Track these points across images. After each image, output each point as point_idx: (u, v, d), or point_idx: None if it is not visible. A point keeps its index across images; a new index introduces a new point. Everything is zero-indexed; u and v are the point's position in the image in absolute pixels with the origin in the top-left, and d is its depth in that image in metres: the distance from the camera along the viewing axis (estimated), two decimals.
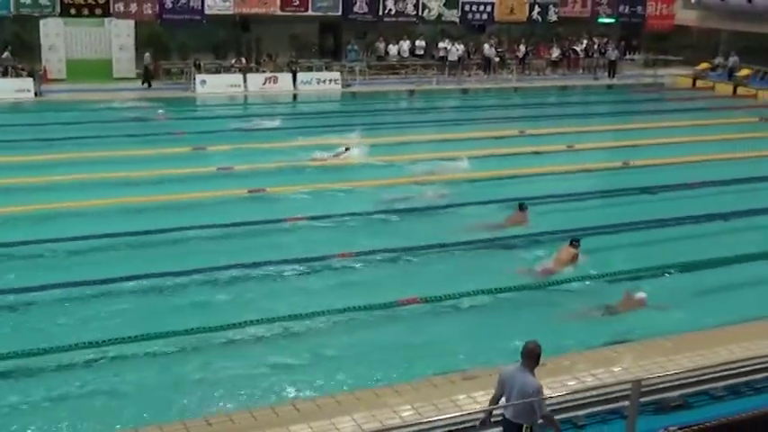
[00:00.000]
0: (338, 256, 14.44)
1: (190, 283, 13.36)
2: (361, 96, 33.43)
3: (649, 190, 19.73)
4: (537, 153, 23.73)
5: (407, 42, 37.66)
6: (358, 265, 14.34)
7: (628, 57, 42.54)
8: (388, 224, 16.75)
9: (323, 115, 28.19)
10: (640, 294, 12.90)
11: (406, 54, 37.64)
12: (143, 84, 32.33)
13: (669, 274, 14.37)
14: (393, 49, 37.40)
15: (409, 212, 17.52)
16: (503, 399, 8.11)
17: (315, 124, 26.62)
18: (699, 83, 38.76)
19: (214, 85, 32.37)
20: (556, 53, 39.95)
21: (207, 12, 33.73)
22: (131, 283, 13.17)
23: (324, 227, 16.39)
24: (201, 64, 33.39)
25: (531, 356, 7.98)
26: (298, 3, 35.11)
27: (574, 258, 14.35)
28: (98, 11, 32.39)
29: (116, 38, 33.10)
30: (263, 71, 33.89)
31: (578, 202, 18.85)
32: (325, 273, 14.06)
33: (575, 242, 14.52)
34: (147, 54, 32.38)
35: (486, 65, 38.16)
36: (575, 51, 40.43)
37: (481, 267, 14.47)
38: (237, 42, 35.75)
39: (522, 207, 16.83)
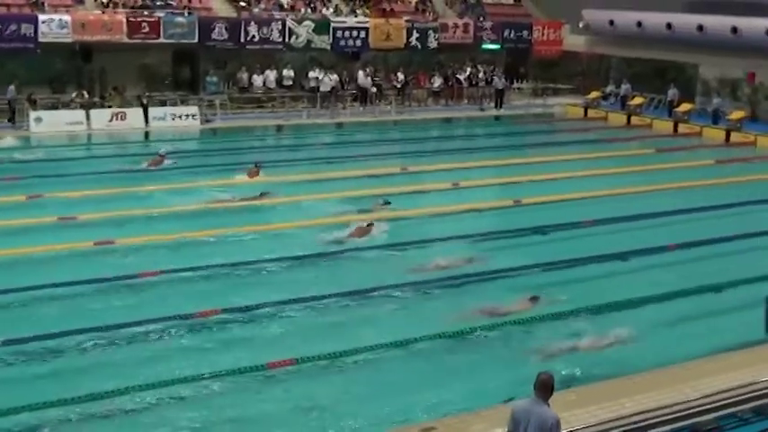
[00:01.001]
0: (198, 315, 14.30)
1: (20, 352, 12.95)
2: (222, 133, 33.32)
3: (541, 230, 20.34)
4: (420, 192, 24.12)
5: (274, 72, 37.71)
6: (225, 324, 14.28)
7: (515, 85, 43.92)
8: (274, 275, 16.84)
9: (179, 155, 27.96)
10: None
11: (273, 85, 37.69)
12: None
13: (563, 319, 14.79)
14: (258, 79, 37.36)
15: (278, 261, 17.55)
16: None
17: (170, 165, 26.34)
18: (591, 112, 40.44)
19: (51, 123, 31.58)
20: (437, 82, 40.81)
21: (41, 39, 32.88)
22: None
23: (186, 279, 16.21)
24: (37, 99, 32.59)
25: (545, 388, 8.43)
26: (147, 29, 34.69)
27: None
28: None
29: None
30: (109, 106, 33.33)
31: (467, 244, 19.23)
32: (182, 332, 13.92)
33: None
34: None
35: (362, 96, 38.63)
36: (458, 80, 41.38)
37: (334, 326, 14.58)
38: (78, 74, 35.07)
39: None
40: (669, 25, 39.07)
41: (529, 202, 23.09)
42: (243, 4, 38.20)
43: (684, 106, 37.59)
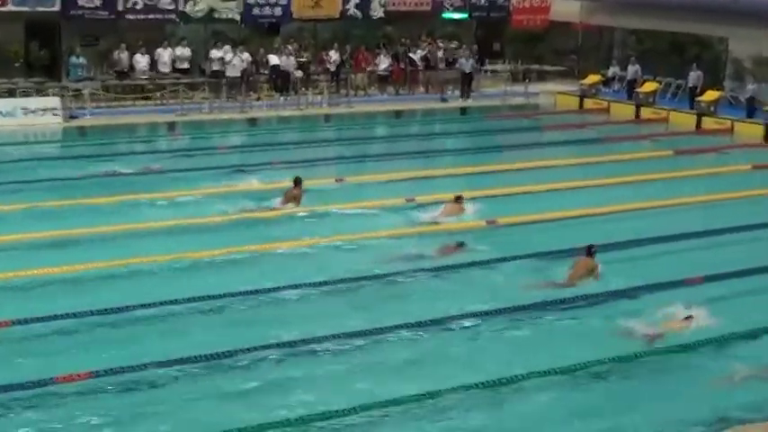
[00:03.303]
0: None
1: None
2: (93, 133, 33.06)
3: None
4: (362, 211, 23.96)
5: (167, 51, 37.68)
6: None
7: (487, 68, 44.06)
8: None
9: (29, 166, 27.57)
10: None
11: (164, 68, 37.65)
12: None
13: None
14: (142, 61, 37.28)
15: None
16: None
17: (15, 179, 25.93)
18: (588, 103, 40.67)
19: None
20: (384, 64, 40.85)
21: None
22: None
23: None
24: None
25: None
26: None
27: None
28: None
29: None
30: None
31: (429, 279, 19.22)
32: None
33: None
34: None
35: (283, 82, 38.54)
36: (411, 61, 41.47)
37: None
38: None
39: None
40: None
41: (507, 222, 23.00)
42: None
43: (710, 94, 37.87)
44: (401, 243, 21.46)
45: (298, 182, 23.92)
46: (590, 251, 19.32)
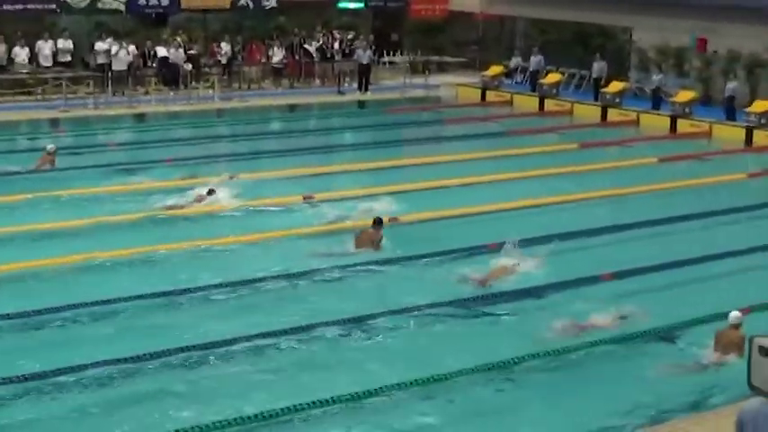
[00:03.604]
0: None
1: None
2: None
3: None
4: (257, 209, 23.86)
5: (48, 44, 37.34)
6: None
7: (386, 59, 44.10)
8: None
9: None
10: None
11: (48, 62, 37.31)
12: None
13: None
14: (21, 53, 36.96)
15: None
16: None
17: None
18: (491, 95, 40.94)
19: None
20: (278, 56, 40.84)
21: None
22: None
23: None
24: None
25: None
26: None
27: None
28: None
29: None
30: None
31: (321, 283, 19.06)
32: None
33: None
34: None
35: (172, 76, 38.32)
36: (306, 52, 41.46)
37: None
38: None
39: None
40: None
41: (409, 219, 22.95)
42: None
43: (615, 85, 38.35)
44: (298, 243, 21.32)
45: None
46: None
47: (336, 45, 41.93)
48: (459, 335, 16.90)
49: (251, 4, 40.49)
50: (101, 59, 37.43)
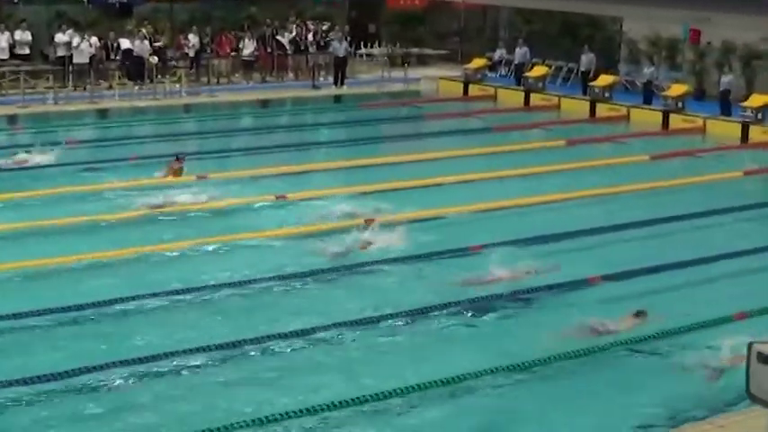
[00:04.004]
0: None
1: None
2: None
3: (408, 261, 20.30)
4: (227, 210, 23.75)
5: (5, 35, 37.35)
6: None
7: (363, 51, 44.06)
8: None
9: None
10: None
11: (4, 55, 37.33)
12: None
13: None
14: None
15: None
16: None
17: None
18: (474, 89, 41.04)
19: None
20: (249, 48, 40.82)
21: None
22: None
23: None
24: None
25: None
26: None
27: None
28: None
29: None
30: None
31: (297, 288, 18.96)
32: None
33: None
34: None
35: (137, 69, 38.24)
36: (279, 44, 41.37)
37: None
38: None
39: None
40: None
41: (387, 220, 22.73)
42: None
43: (604, 79, 38.44)
44: (270, 244, 21.30)
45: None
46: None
47: (311, 36, 41.86)
48: (438, 339, 16.81)
49: None
50: (61, 52, 37.38)
